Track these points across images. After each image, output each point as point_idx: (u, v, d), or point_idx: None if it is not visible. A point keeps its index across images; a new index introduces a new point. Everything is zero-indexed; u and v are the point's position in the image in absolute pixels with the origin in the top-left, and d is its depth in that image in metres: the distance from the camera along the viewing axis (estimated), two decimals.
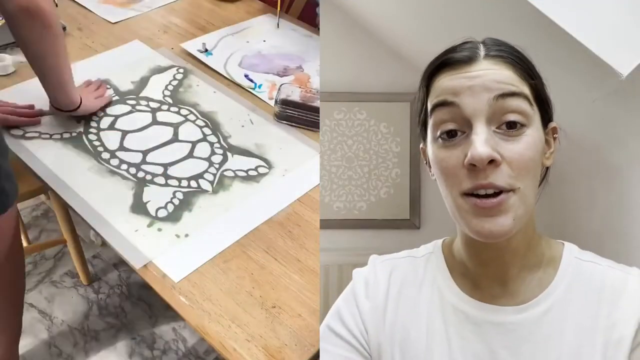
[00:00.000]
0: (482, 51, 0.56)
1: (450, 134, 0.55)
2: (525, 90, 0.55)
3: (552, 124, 0.59)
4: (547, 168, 0.61)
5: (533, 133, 0.55)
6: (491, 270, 0.60)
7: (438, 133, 0.56)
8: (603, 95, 0.83)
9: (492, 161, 0.52)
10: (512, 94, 0.54)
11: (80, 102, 1.19)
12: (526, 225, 0.58)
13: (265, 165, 1.19)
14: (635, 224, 0.92)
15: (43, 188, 1.48)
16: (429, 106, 0.57)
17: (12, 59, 1.35)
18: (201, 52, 1.48)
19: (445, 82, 0.56)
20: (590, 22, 0.77)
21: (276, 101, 1.31)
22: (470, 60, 0.56)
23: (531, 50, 0.61)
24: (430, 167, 0.61)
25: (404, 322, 0.62)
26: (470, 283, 0.61)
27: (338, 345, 0.63)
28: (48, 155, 1.13)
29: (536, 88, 0.57)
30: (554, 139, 0.60)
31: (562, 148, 0.63)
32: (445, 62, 0.57)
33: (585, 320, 0.57)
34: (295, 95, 1.34)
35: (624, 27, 0.77)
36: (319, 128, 1.31)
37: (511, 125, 0.54)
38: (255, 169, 1.17)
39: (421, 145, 0.64)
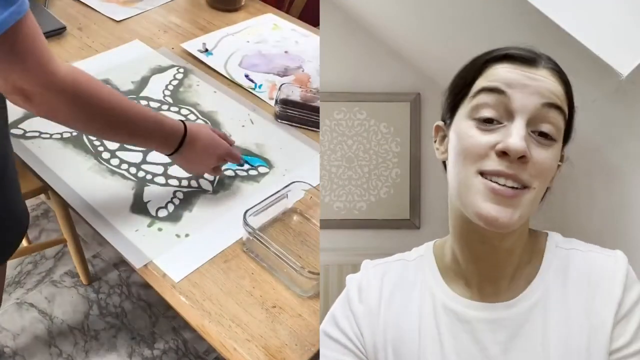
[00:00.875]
0: (543, 59, 0.59)
1: (487, 120, 0.56)
2: (566, 109, 0.58)
3: (564, 151, 0.61)
4: (547, 189, 0.61)
5: (557, 149, 0.57)
6: (483, 268, 0.60)
7: (476, 115, 0.57)
8: (603, 95, 0.83)
9: (522, 157, 0.54)
10: (557, 107, 0.56)
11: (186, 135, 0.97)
12: (522, 228, 0.59)
13: (266, 165, 1.19)
14: (635, 224, 0.92)
15: (43, 188, 1.48)
16: (477, 87, 0.58)
17: None
18: (201, 52, 1.48)
19: (504, 72, 0.57)
20: (590, 22, 0.77)
21: (276, 101, 1.31)
22: (533, 62, 0.58)
23: None
24: (440, 144, 0.62)
25: (397, 323, 0.63)
26: (461, 282, 0.62)
27: (335, 349, 0.64)
28: (48, 155, 1.13)
29: (571, 113, 0.60)
30: (558, 166, 0.62)
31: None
32: (508, 55, 0.58)
33: (571, 307, 0.58)
34: (296, 95, 1.34)
35: (624, 27, 0.77)
36: (319, 128, 1.31)
37: (544, 134, 0.56)
38: (256, 168, 1.17)
39: (437, 123, 0.64)
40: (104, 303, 1.84)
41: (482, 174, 0.55)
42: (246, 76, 1.44)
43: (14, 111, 1.22)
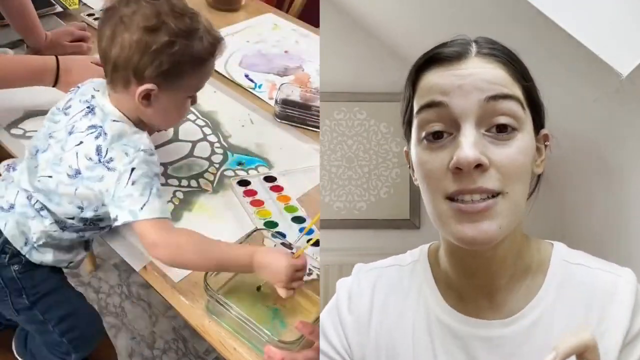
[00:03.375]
0: (473, 48, 0.54)
1: (436, 135, 0.52)
2: (518, 92, 0.53)
3: (543, 131, 0.57)
4: (539, 177, 0.58)
5: (524, 137, 0.52)
6: (477, 282, 0.57)
7: (423, 134, 0.53)
8: (603, 95, 0.83)
9: (479, 165, 0.49)
10: (505, 97, 0.51)
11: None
12: (514, 232, 0.54)
13: (266, 165, 1.19)
14: (635, 224, 0.92)
15: None
16: (416, 106, 0.54)
17: (12, 53, 1.35)
18: None
19: (434, 79, 0.53)
20: (590, 22, 0.77)
21: (276, 101, 1.31)
22: (460, 56, 0.53)
23: (531, 50, 0.61)
24: (413, 170, 0.58)
25: (390, 333, 0.60)
26: (455, 294, 0.58)
27: None
28: None
29: (529, 91, 0.54)
30: (546, 146, 0.57)
31: (562, 148, 0.63)
32: (433, 58, 0.54)
33: (576, 327, 0.54)
34: (296, 95, 1.34)
35: (624, 27, 0.77)
36: (319, 128, 1.31)
37: (501, 128, 0.51)
38: (256, 168, 1.17)
39: (405, 149, 0.60)
40: (104, 303, 1.84)
41: (448, 197, 0.51)
42: (246, 76, 1.44)
43: (14, 111, 1.22)
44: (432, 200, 0.52)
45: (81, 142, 0.87)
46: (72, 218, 0.91)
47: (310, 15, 1.74)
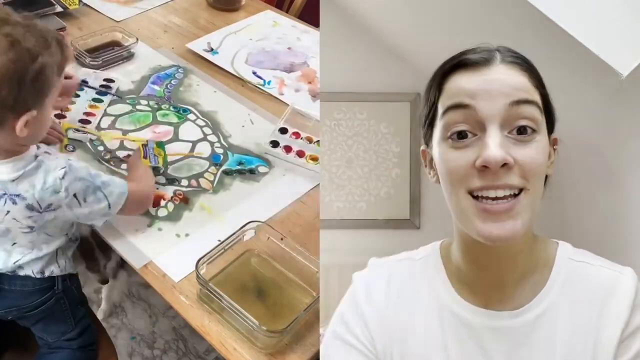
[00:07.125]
0: (498, 56, 0.57)
1: (461, 135, 0.55)
2: (537, 98, 0.56)
3: (553, 135, 0.60)
4: (546, 178, 0.60)
5: (542, 139, 0.55)
6: (489, 276, 0.60)
7: (449, 133, 0.56)
8: (603, 95, 0.83)
9: (504, 165, 0.52)
10: (527, 102, 0.55)
11: None
12: (528, 230, 0.58)
13: (266, 165, 1.19)
14: (635, 224, 0.92)
15: None
16: (442, 107, 0.57)
17: None
18: (207, 51, 1.48)
19: (462, 82, 0.56)
20: (590, 22, 0.77)
21: None
22: (487, 62, 0.56)
23: (532, 50, 0.61)
24: (430, 168, 0.61)
25: (403, 325, 0.62)
26: (467, 287, 0.61)
27: (344, 350, 0.63)
28: None
29: (545, 97, 0.58)
30: (554, 150, 0.61)
31: (563, 147, 0.63)
32: (461, 63, 0.57)
33: (578, 320, 0.57)
34: (304, 91, 1.35)
35: (624, 27, 0.77)
36: None
37: (522, 130, 0.54)
38: (256, 168, 1.17)
39: (422, 147, 0.63)
40: None
41: (472, 193, 0.54)
42: (254, 73, 1.43)
43: None
44: (455, 195, 0.55)
45: (8, 212, 0.88)
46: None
47: (310, 16, 1.74)
